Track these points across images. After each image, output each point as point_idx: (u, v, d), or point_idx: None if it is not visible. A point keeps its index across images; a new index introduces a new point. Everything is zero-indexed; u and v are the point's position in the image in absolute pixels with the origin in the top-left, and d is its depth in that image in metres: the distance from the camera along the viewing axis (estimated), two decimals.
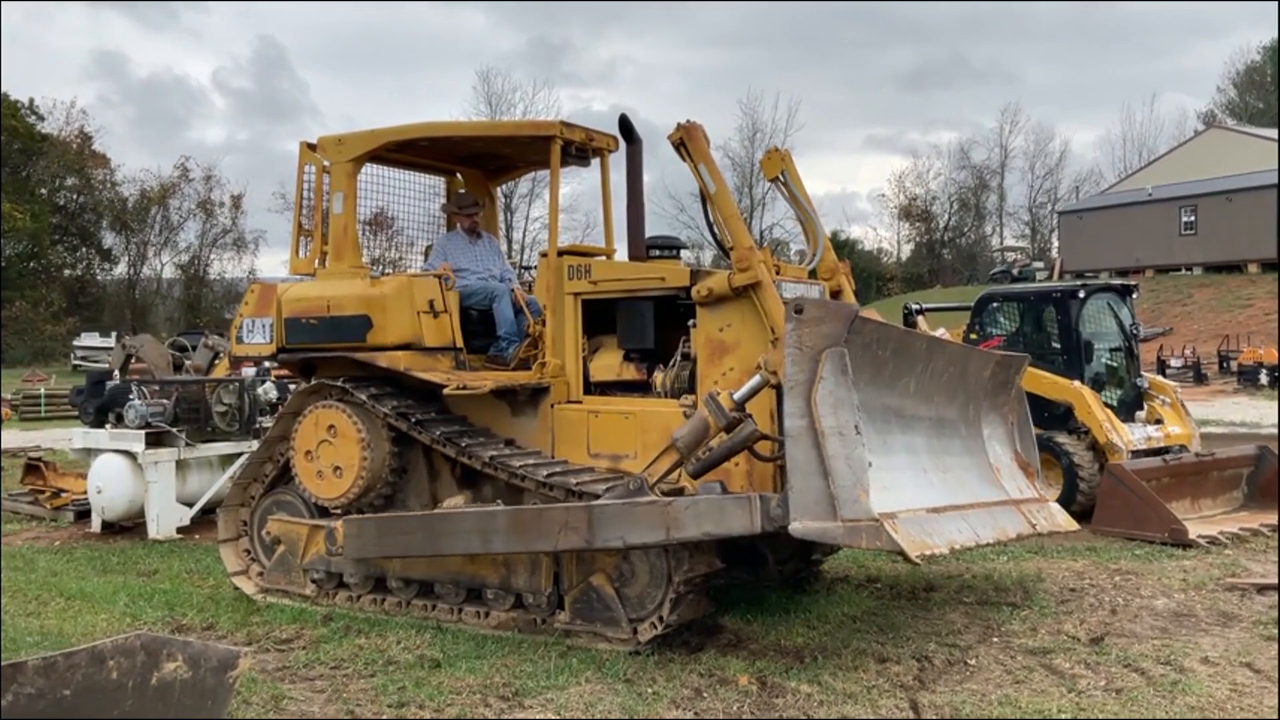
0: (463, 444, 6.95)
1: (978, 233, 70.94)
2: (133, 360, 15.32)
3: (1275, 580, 7.69)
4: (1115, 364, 11.78)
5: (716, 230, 6.93)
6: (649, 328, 6.97)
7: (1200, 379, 30.41)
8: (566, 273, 7.13)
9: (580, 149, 7.50)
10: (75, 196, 60.49)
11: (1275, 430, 13.24)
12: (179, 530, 10.61)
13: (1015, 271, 49.07)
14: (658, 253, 7.45)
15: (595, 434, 6.97)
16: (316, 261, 7.94)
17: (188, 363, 16.03)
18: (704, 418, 5.97)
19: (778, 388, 5.79)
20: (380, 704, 5.53)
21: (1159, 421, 11.46)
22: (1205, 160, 48.50)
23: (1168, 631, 6.64)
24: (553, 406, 7.13)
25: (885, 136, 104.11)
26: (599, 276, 7.08)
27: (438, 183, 9.01)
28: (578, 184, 49.65)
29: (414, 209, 8.97)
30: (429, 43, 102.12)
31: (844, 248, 58.32)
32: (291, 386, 13.08)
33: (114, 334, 38.17)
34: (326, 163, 7.86)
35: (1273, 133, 49.80)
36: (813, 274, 7.54)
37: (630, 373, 7.09)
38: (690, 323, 6.73)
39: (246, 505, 8.16)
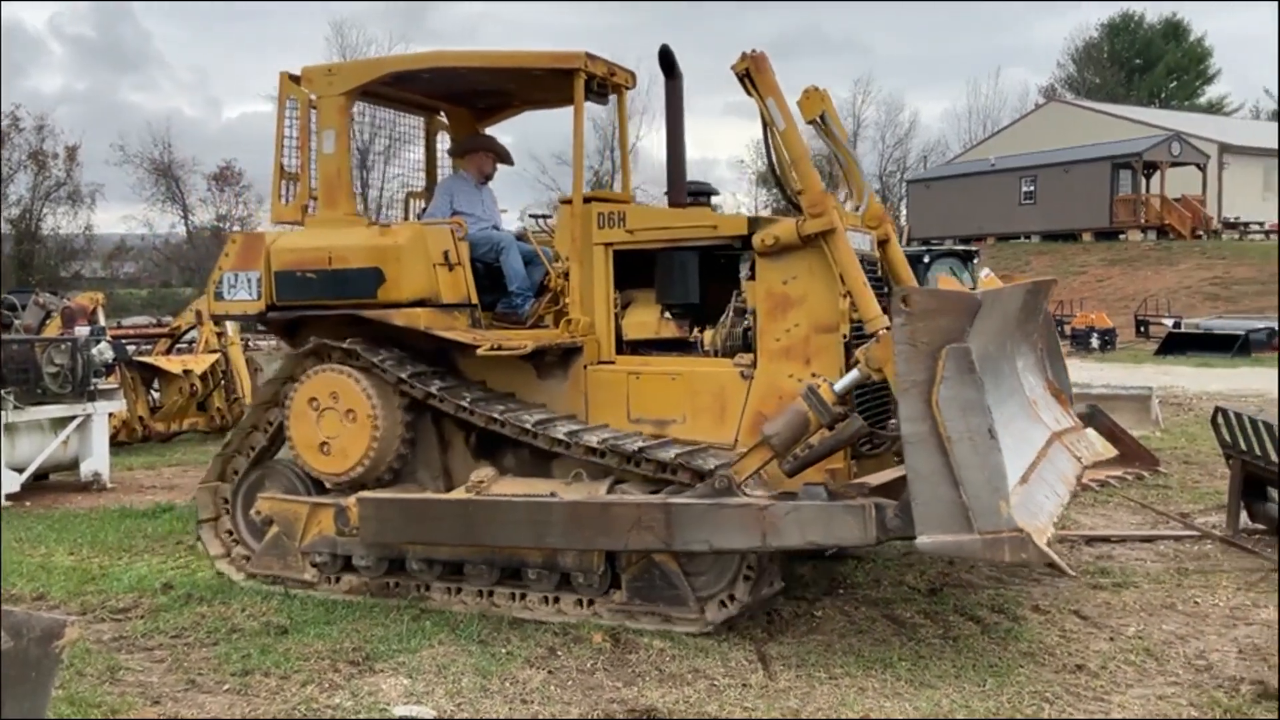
0: (523, 421, 6.15)
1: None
2: None
3: (1105, 533, 8.13)
4: None
5: (781, 172, 6.33)
6: (694, 281, 6.40)
7: None
8: (596, 220, 6.48)
9: (601, 84, 6.79)
10: None
11: (1106, 391, 13.96)
12: (9, 497, 10.08)
13: None
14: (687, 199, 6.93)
15: (636, 397, 6.37)
16: (304, 208, 7.10)
17: (17, 322, 15.27)
18: (803, 412, 5.37)
19: (881, 384, 5.33)
20: (223, 672, 5.37)
21: None
22: (1045, 133, 50.82)
23: (1001, 581, 6.94)
24: (585, 368, 6.50)
25: (745, 104, 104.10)
26: (636, 225, 6.44)
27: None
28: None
29: None
30: None
31: None
32: (130, 348, 12.56)
33: None
34: (313, 97, 7.00)
35: (1108, 107, 52.35)
36: None
37: (670, 330, 6.51)
38: (744, 275, 6.27)
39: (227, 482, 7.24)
